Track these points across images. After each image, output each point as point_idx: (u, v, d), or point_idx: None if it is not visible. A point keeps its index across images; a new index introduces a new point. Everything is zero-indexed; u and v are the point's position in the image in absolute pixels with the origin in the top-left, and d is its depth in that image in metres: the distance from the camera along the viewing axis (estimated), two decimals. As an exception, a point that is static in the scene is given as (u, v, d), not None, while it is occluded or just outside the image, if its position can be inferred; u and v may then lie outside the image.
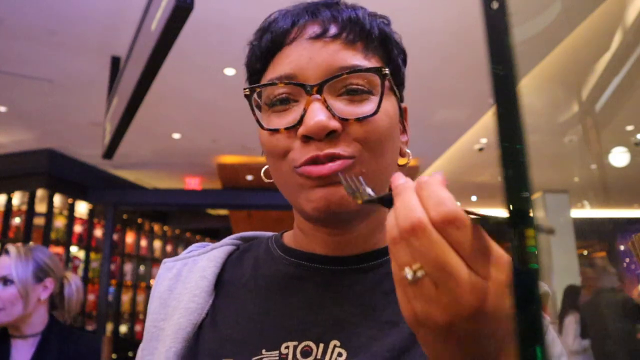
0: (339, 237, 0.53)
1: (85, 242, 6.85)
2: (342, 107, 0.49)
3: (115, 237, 7.14)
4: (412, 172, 7.38)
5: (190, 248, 0.64)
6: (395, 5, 3.24)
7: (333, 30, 0.51)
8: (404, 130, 0.61)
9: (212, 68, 3.88)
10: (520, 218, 0.29)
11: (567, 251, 6.07)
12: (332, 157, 0.47)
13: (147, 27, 2.11)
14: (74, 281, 1.59)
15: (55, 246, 6.22)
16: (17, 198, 6.28)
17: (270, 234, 0.63)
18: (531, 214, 0.29)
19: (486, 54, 0.32)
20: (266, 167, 0.56)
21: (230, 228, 8.81)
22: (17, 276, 1.43)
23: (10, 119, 5.20)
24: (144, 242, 8.15)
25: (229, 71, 3.83)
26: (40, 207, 6.03)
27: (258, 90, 0.52)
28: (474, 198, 9.12)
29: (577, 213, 6.16)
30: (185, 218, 9.02)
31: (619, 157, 4.43)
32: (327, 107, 0.48)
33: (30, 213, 5.92)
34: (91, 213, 7.00)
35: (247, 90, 0.52)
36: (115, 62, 3.69)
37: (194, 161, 6.43)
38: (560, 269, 6.07)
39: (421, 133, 5.70)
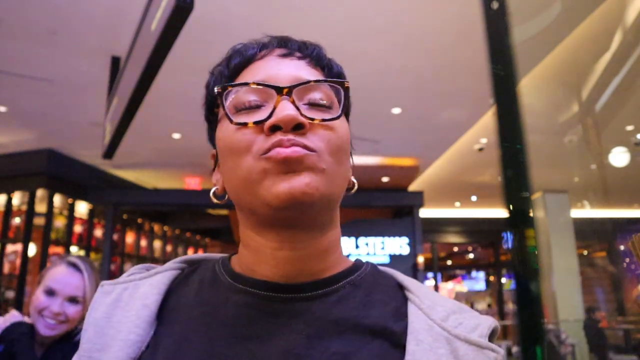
0: (286, 253, 0.51)
1: (85, 242, 6.86)
2: (308, 112, 0.52)
3: (115, 237, 7.14)
4: (411, 172, 7.38)
5: (131, 270, 0.60)
6: (395, 5, 3.25)
7: (298, 53, 0.56)
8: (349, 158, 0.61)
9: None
10: (520, 218, 0.29)
11: (567, 251, 6.07)
12: (297, 144, 0.49)
13: (147, 27, 2.11)
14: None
15: (55, 246, 6.22)
16: (17, 198, 6.28)
17: (218, 256, 0.60)
18: (531, 214, 0.29)
19: (486, 54, 0.32)
20: (214, 188, 0.57)
21: (230, 228, 8.81)
22: (89, 295, 1.42)
23: (10, 119, 5.21)
24: (144, 242, 8.16)
25: (229, 71, 3.83)
26: (40, 207, 6.03)
27: (229, 90, 0.53)
28: (474, 198, 9.12)
29: (577, 213, 6.16)
30: (185, 218, 9.02)
31: (619, 157, 4.43)
32: (296, 107, 0.50)
33: (30, 213, 5.92)
34: (91, 213, 7.00)
35: (219, 88, 0.53)
36: (115, 62, 3.69)
37: (194, 161, 6.43)
38: (560, 269, 6.07)
39: (421, 133, 5.71)
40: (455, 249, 13.83)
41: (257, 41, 0.58)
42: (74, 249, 6.63)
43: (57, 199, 6.34)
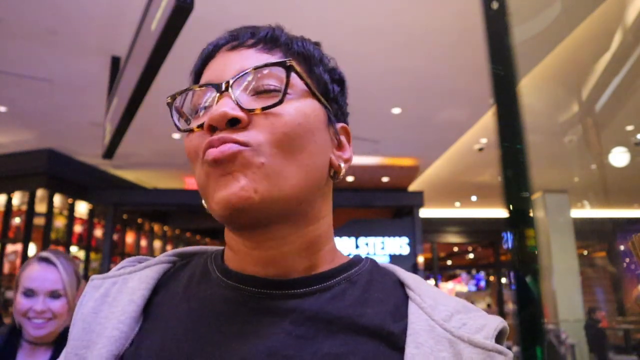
0: (264, 253, 0.49)
1: (85, 242, 6.86)
2: (251, 101, 0.48)
3: (115, 237, 7.14)
4: (411, 172, 7.38)
5: (122, 264, 0.58)
6: (395, 5, 3.25)
7: (250, 41, 0.52)
8: (339, 146, 0.55)
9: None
10: (520, 218, 0.29)
11: (567, 251, 6.07)
12: (226, 141, 0.46)
13: (147, 27, 2.11)
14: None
15: (55, 246, 6.22)
16: (17, 198, 6.28)
17: (212, 249, 0.58)
18: (531, 214, 0.29)
19: (486, 54, 0.32)
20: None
21: (230, 228, 8.79)
22: (69, 288, 1.41)
23: (10, 119, 5.21)
24: (144, 242, 8.16)
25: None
26: (40, 207, 6.03)
27: (178, 98, 0.52)
28: (474, 198, 9.12)
29: (577, 213, 6.16)
30: (185, 218, 9.02)
31: (619, 157, 4.42)
32: (235, 101, 0.47)
33: (30, 213, 5.92)
34: (91, 213, 7.00)
35: (169, 98, 0.52)
36: (115, 62, 3.69)
37: (194, 161, 6.42)
38: (560, 269, 6.07)
39: (421, 133, 5.71)
40: (455, 249, 13.83)
41: (215, 39, 0.56)
42: (74, 249, 6.63)
43: (57, 199, 6.34)
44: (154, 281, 0.54)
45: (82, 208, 6.91)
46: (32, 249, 5.93)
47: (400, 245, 7.66)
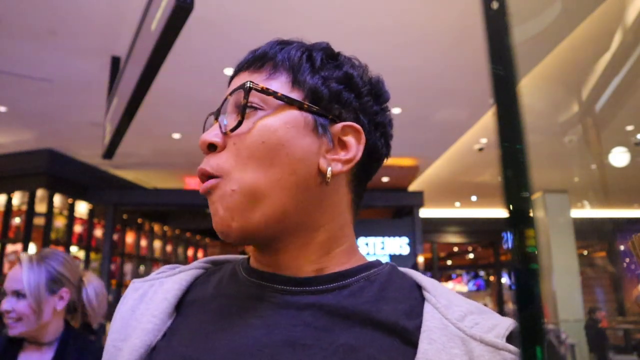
0: (269, 258, 0.54)
1: (85, 242, 6.86)
2: (232, 121, 0.53)
3: (115, 237, 7.14)
4: (411, 172, 7.39)
5: (162, 269, 0.63)
6: (395, 5, 3.25)
7: (246, 64, 0.56)
8: (339, 148, 0.54)
9: (212, 68, 3.88)
10: (520, 218, 0.29)
11: (567, 251, 6.07)
12: (204, 174, 0.52)
13: (147, 27, 2.11)
14: (92, 284, 1.52)
15: (55, 246, 6.21)
16: (17, 198, 6.28)
17: (242, 257, 0.62)
18: (531, 214, 0.29)
19: (486, 54, 0.32)
20: None
21: (230, 228, 8.79)
22: (29, 290, 1.37)
23: (10, 119, 5.21)
24: (144, 242, 8.15)
25: (229, 71, 3.83)
26: (40, 207, 6.03)
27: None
28: (474, 198, 9.12)
29: (577, 213, 6.16)
30: (185, 218, 9.02)
31: (619, 157, 4.42)
32: (220, 126, 0.53)
33: (30, 213, 5.92)
34: (91, 213, 7.00)
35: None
36: (115, 62, 3.69)
37: (194, 161, 6.43)
38: (560, 269, 6.07)
39: (421, 133, 5.71)
40: (455, 249, 13.83)
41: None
42: (74, 249, 6.63)
43: (57, 199, 6.34)
44: (187, 283, 0.59)
45: (82, 208, 6.91)
46: (32, 249, 5.93)
47: (400, 245, 7.66)
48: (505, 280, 11.33)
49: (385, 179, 7.77)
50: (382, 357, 0.46)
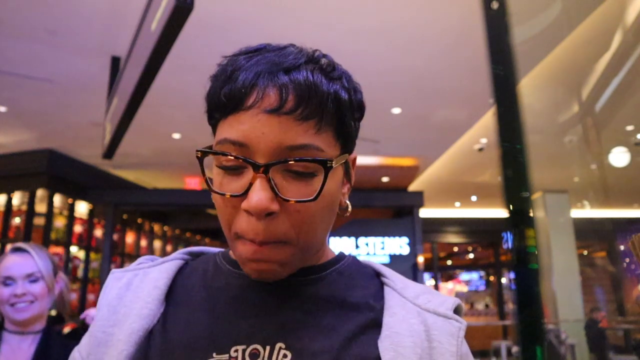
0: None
1: (85, 242, 6.85)
2: (286, 185, 0.50)
3: (115, 237, 7.14)
4: (411, 172, 7.38)
5: (139, 260, 0.66)
6: (395, 5, 3.25)
7: (289, 104, 0.49)
8: (347, 181, 0.61)
9: (212, 68, 3.87)
10: (520, 218, 0.29)
11: (567, 251, 6.07)
12: (265, 242, 0.51)
13: (147, 27, 2.11)
14: (61, 277, 1.60)
15: (55, 246, 6.22)
16: (17, 198, 6.28)
17: (216, 249, 0.66)
18: (531, 214, 0.29)
19: (486, 54, 0.32)
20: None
21: (230, 228, 8.78)
22: (45, 271, 1.49)
23: (10, 119, 5.20)
24: (144, 242, 8.15)
25: (229, 71, 3.82)
26: (40, 207, 6.03)
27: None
28: (474, 198, 9.12)
29: (577, 213, 6.16)
30: (185, 218, 9.02)
31: (619, 157, 4.42)
32: (272, 187, 0.49)
33: (30, 213, 5.92)
34: (91, 213, 7.00)
35: (199, 153, 0.54)
36: (115, 62, 3.69)
37: (194, 161, 6.36)
38: (560, 269, 6.07)
39: (421, 133, 5.71)
40: (455, 249, 13.83)
41: (253, 65, 0.52)
42: (74, 249, 6.63)
43: (57, 199, 6.34)
44: (173, 273, 0.62)
45: (82, 208, 6.91)
46: (32, 249, 5.91)
47: (400, 245, 7.66)
48: (505, 280, 11.33)
49: (385, 179, 7.77)
50: (358, 330, 0.53)
